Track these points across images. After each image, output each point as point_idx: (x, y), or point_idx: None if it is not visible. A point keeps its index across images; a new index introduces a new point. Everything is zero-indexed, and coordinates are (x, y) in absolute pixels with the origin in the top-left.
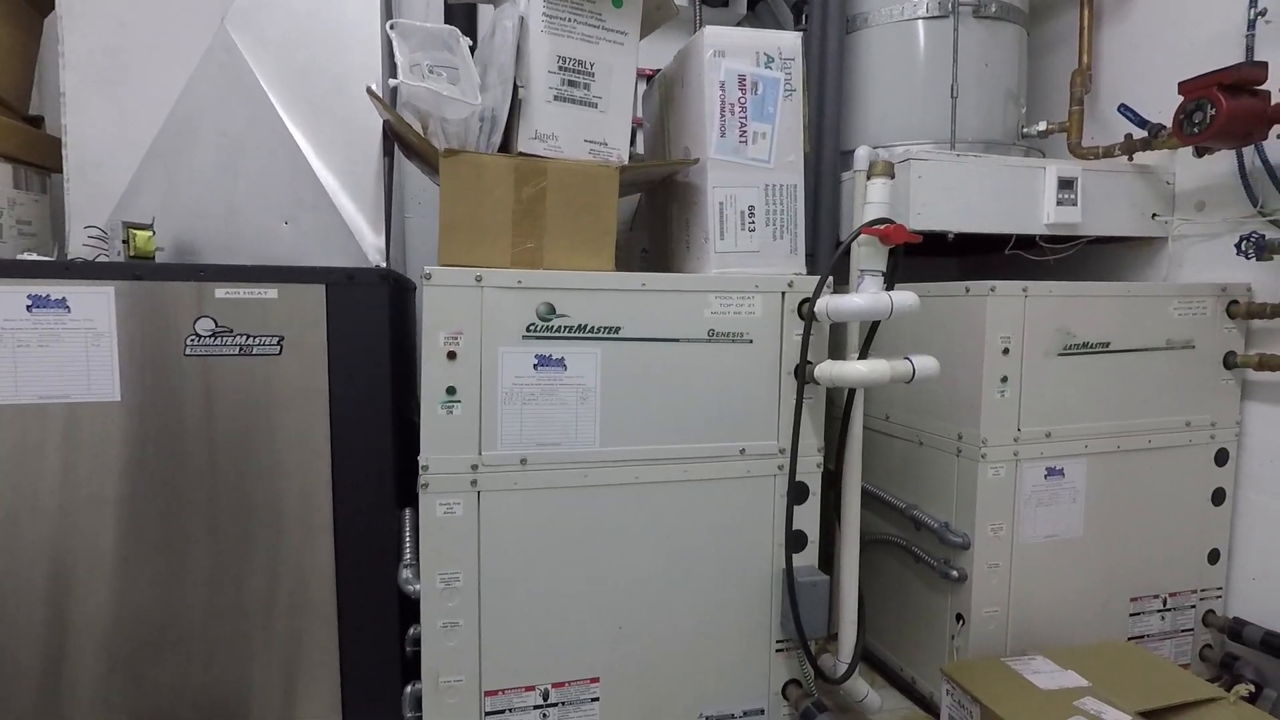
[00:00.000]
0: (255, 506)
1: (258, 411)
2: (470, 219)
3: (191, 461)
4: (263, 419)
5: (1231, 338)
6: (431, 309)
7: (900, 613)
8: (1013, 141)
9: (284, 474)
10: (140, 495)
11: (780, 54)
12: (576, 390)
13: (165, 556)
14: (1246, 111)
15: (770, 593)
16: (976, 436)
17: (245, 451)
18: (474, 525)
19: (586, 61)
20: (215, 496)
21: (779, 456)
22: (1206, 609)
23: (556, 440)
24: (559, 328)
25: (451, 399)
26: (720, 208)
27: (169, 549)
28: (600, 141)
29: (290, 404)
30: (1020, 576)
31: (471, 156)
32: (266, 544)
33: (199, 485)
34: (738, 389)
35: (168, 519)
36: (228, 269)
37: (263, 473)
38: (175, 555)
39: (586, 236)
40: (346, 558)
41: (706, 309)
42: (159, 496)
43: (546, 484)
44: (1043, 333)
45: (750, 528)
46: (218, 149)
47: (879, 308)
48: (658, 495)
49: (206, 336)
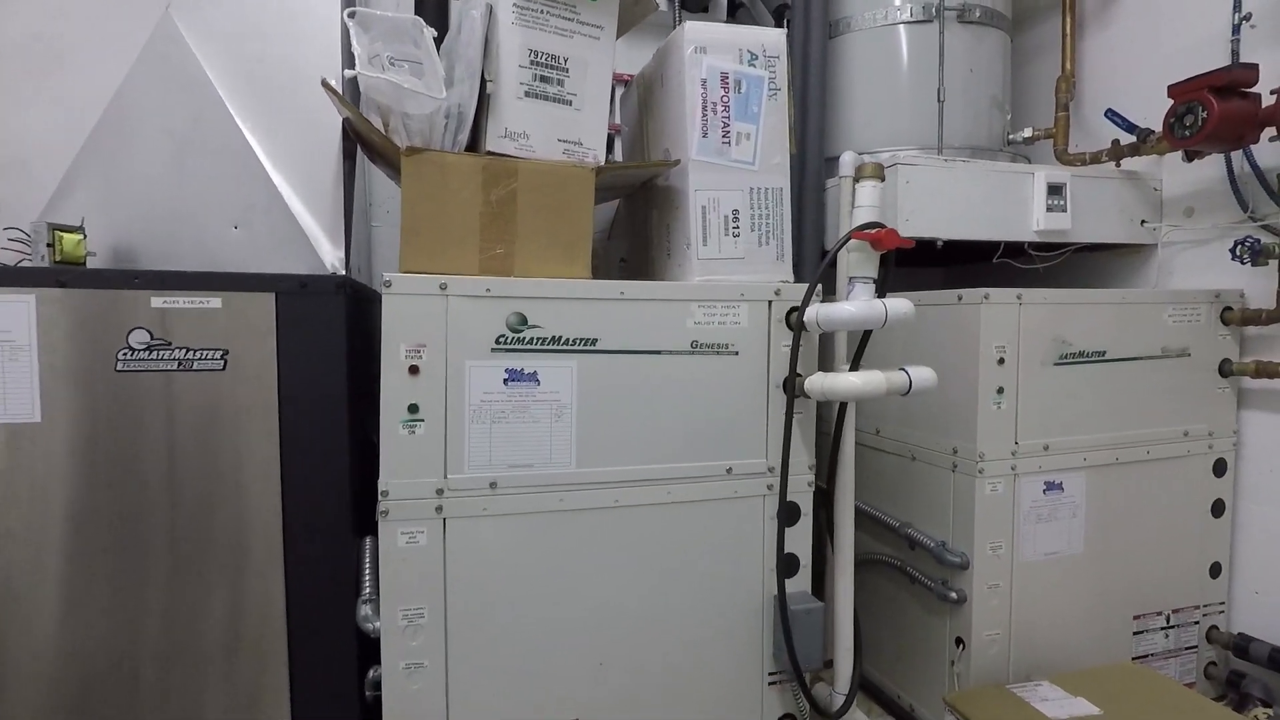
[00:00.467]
0: (196, 538)
1: (198, 432)
2: (434, 222)
3: (123, 488)
4: (204, 440)
5: (1226, 345)
6: (392, 320)
7: (895, 636)
8: (998, 148)
9: (228, 501)
10: (63, 527)
11: (764, 51)
12: (550, 407)
13: (92, 593)
14: (1238, 114)
15: (761, 621)
16: (973, 451)
17: (184, 477)
18: (439, 556)
19: (560, 56)
20: (150, 527)
21: (768, 475)
22: (1210, 625)
23: (529, 461)
24: (531, 339)
25: (414, 418)
26: (703, 212)
27: (95, 585)
28: (575, 141)
29: (235, 423)
30: (1021, 597)
31: (436, 155)
32: (208, 579)
33: (131, 514)
34: (723, 404)
35: (93, 552)
36: (166, 275)
37: (204, 500)
38: (103, 592)
39: (560, 241)
40: (298, 593)
41: (689, 319)
42: (85, 528)
43: (518, 509)
44: (1038, 342)
45: (739, 552)
46: (161, 147)
47: (873, 316)
48: (639, 519)
49: (141, 350)
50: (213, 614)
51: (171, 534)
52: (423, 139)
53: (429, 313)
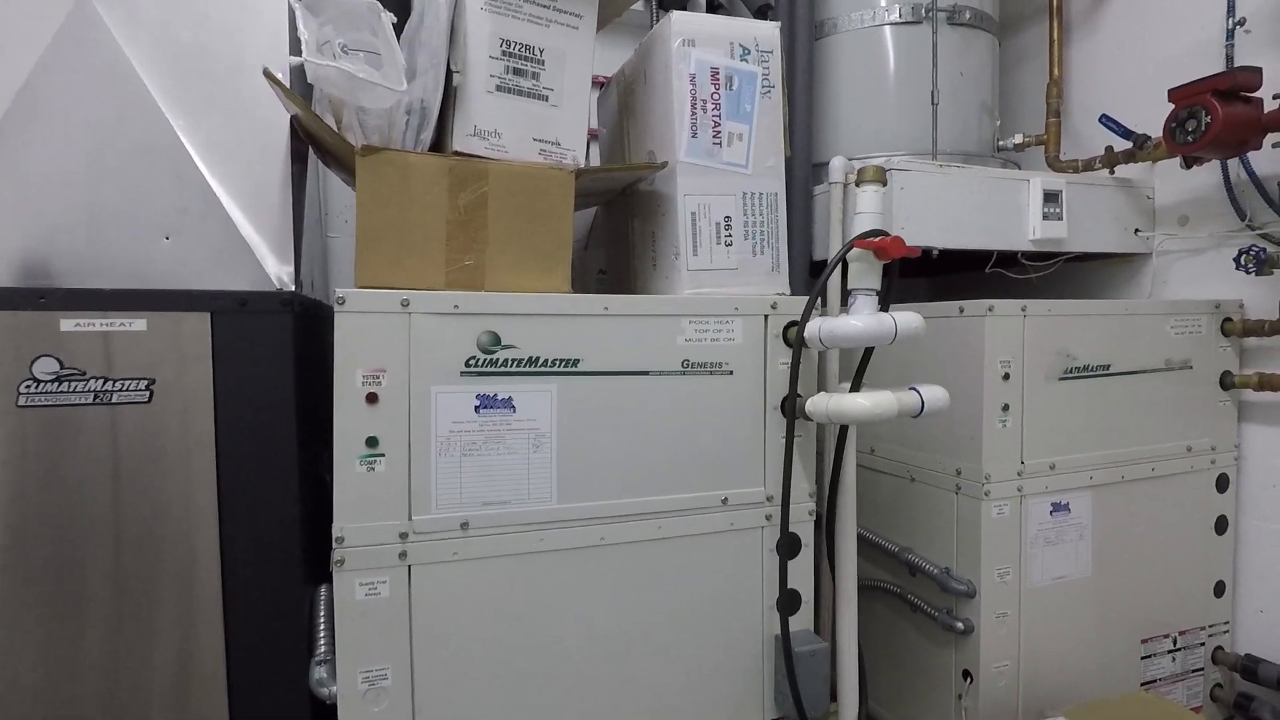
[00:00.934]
0: (120, 592)
1: (119, 476)
2: (395, 231)
3: (30, 540)
4: (127, 486)
5: (1226, 357)
6: (346, 341)
7: (895, 668)
8: (989, 154)
9: (157, 554)
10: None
11: (757, 45)
12: (528, 436)
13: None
14: (1241, 119)
15: (761, 663)
16: (979, 472)
17: (105, 525)
18: (404, 608)
19: (535, 47)
20: (63, 581)
21: (766, 505)
22: (1215, 646)
23: (504, 498)
24: (505, 361)
25: (373, 452)
26: (692, 218)
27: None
28: (552, 140)
29: (163, 465)
30: (1030, 625)
31: (396, 155)
32: (133, 643)
33: (36, 574)
34: (717, 428)
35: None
36: (79, 294)
37: (129, 550)
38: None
39: (538, 252)
40: (241, 654)
41: (680, 336)
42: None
43: (494, 551)
44: (1043, 355)
45: (736, 589)
46: (78, 143)
47: (882, 332)
48: (627, 558)
49: (48, 381)
50: (142, 681)
51: (87, 588)
52: (381, 137)
53: (389, 332)
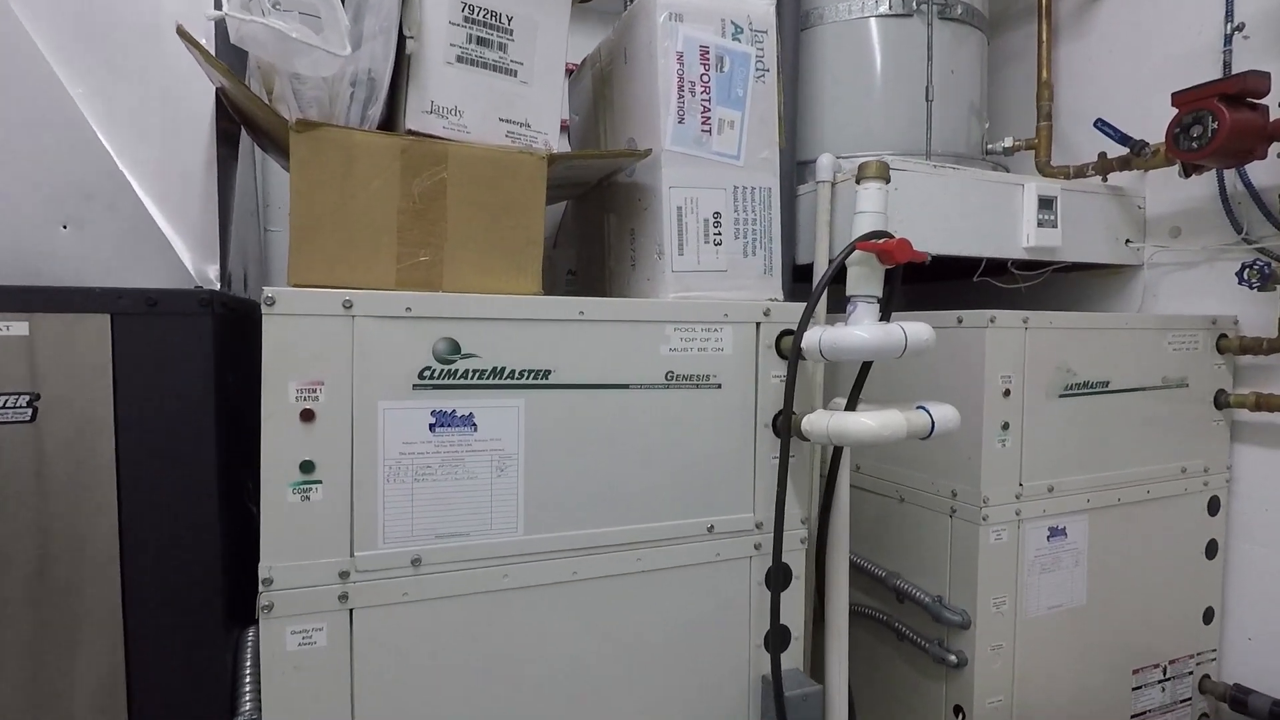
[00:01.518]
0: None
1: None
2: (336, 221)
3: None
4: (4, 522)
5: (1220, 374)
6: (276, 349)
7: (880, 700)
8: (978, 156)
9: (43, 601)
10: None
11: (750, 24)
12: (491, 458)
13: None
14: (1248, 126)
15: (747, 706)
16: (976, 495)
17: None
18: (345, 659)
19: (502, 14)
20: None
21: (755, 533)
22: (1203, 674)
23: (463, 529)
24: (465, 373)
25: (308, 479)
26: (678, 213)
27: None
28: (521, 122)
29: (52, 496)
30: (1024, 657)
31: (338, 133)
32: (18, 711)
33: None
34: (704, 449)
35: None
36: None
37: (9, 604)
38: None
39: (504, 247)
40: (147, 716)
41: (663, 344)
42: None
43: (450, 590)
44: (1044, 371)
45: (722, 626)
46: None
47: (890, 343)
48: (602, 594)
49: None
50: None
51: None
52: (320, 111)
53: (328, 339)
